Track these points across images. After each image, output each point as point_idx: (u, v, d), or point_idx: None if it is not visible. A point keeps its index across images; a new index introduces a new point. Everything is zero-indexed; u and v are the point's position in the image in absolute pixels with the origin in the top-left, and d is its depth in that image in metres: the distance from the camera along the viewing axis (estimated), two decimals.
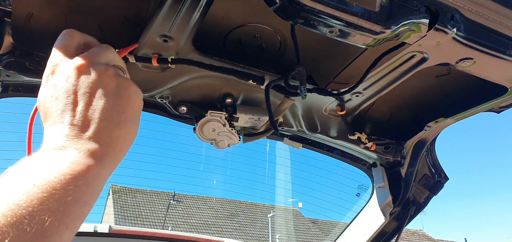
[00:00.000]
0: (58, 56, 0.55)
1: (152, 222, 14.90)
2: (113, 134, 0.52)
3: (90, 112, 0.51)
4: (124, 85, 0.56)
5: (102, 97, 0.52)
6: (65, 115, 0.51)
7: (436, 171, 1.57)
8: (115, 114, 0.53)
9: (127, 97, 0.55)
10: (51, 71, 0.54)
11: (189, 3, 0.86)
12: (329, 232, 17.95)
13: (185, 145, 4.41)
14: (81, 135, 0.50)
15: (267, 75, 1.13)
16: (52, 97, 0.52)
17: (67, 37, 0.59)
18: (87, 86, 0.52)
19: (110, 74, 0.54)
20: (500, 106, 1.17)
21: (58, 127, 0.50)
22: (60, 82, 0.53)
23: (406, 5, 0.76)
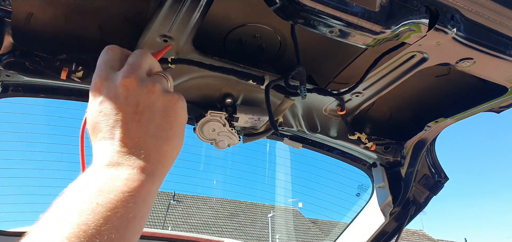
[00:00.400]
0: (105, 72, 0.56)
1: (152, 222, 14.90)
2: (162, 149, 0.54)
3: (140, 129, 0.52)
4: (171, 101, 0.56)
5: (151, 114, 0.54)
6: (115, 132, 0.51)
7: (436, 171, 1.57)
8: (163, 130, 0.54)
9: (174, 113, 0.56)
10: (99, 87, 0.55)
11: (189, 3, 0.86)
12: (329, 232, 17.92)
13: (185, 145, 4.41)
14: (132, 151, 0.51)
15: (267, 75, 1.13)
16: (101, 114, 0.53)
17: (110, 52, 0.59)
18: (136, 103, 0.53)
19: (157, 91, 0.55)
20: (500, 106, 1.17)
21: (108, 142, 0.51)
22: (109, 99, 0.53)
23: (406, 5, 0.76)
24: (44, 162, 4.30)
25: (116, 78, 0.54)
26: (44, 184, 5.01)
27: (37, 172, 4.42)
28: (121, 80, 0.53)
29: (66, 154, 4.44)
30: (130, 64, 0.56)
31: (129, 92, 0.53)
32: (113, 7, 1.00)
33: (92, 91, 0.55)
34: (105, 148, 0.51)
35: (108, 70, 0.56)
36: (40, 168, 4.31)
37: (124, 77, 0.54)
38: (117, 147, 0.50)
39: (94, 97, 0.55)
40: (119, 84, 0.53)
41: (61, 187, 1.63)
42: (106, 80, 0.55)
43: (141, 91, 0.54)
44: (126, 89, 0.53)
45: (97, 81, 0.55)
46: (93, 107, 0.54)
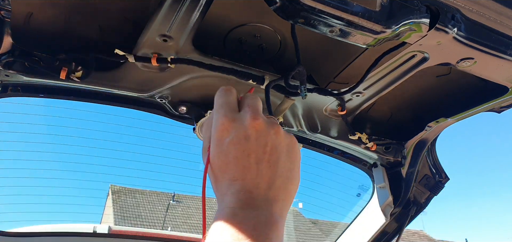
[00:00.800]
0: (231, 114, 0.57)
1: (152, 223, 14.88)
2: (288, 188, 0.56)
3: (270, 169, 0.54)
4: (292, 142, 0.59)
5: (278, 155, 0.55)
6: (248, 174, 0.53)
7: (436, 171, 1.56)
8: (288, 171, 0.56)
9: (295, 153, 0.58)
10: (227, 127, 0.56)
11: (189, 3, 0.86)
12: (330, 233, 17.89)
13: (185, 145, 4.41)
14: (265, 193, 0.52)
15: (267, 75, 1.13)
16: (230, 154, 0.54)
17: (229, 94, 0.61)
18: (265, 144, 0.55)
19: (282, 132, 0.57)
20: (501, 106, 1.17)
21: (239, 184, 0.52)
22: (239, 140, 0.54)
23: (407, 5, 0.76)
24: (43, 162, 4.29)
25: (244, 119, 0.55)
26: (44, 184, 5.00)
27: (37, 172, 4.41)
28: (251, 122, 0.55)
29: (65, 154, 4.43)
30: (251, 106, 0.57)
31: (259, 133, 0.55)
32: (113, 7, 1.00)
33: (218, 131, 0.56)
34: (237, 188, 0.52)
35: (233, 112, 0.57)
36: (40, 168, 4.31)
37: (253, 119, 0.55)
38: (251, 188, 0.52)
39: (221, 137, 0.55)
40: (249, 125, 0.54)
41: (61, 187, 1.60)
42: (233, 121, 0.55)
43: (269, 132, 0.55)
44: (256, 130, 0.55)
45: (225, 121, 0.56)
46: (220, 147, 0.55)
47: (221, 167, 0.54)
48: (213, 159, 0.56)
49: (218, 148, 0.55)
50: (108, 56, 1.03)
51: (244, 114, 0.56)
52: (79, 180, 5.40)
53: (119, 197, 16.35)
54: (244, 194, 0.51)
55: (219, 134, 0.56)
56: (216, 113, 0.58)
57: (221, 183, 0.54)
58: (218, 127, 0.56)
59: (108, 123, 3.75)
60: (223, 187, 0.54)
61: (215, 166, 0.56)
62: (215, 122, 0.57)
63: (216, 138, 0.56)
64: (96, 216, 12.06)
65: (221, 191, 0.54)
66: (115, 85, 1.12)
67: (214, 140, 0.56)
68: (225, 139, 0.55)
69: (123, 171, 5.69)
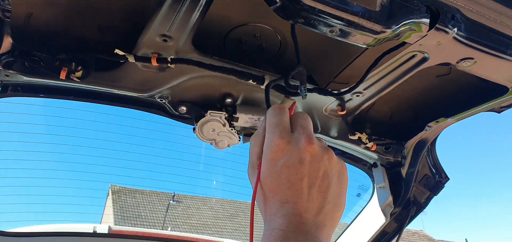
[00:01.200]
0: (286, 135, 0.57)
1: (152, 223, 14.88)
2: (335, 215, 0.56)
3: (320, 195, 0.54)
4: (343, 168, 0.59)
5: (329, 181, 0.56)
6: (299, 198, 0.53)
7: (436, 171, 1.56)
8: (337, 197, 0.56)
9: (345, 180, 0.59)
10: (282, 149, 0.55)
11: (189, 3, 0.86)
12: None
13: (185, 145, 4.42)
14: (314, 218, 0.53)
15: (267, 75, 1.13)
16: (283, 175, 0.54)
17: (282, 113, 0.61)
18: (318, 169, 0.55)
19: (334, 159, 0.57)
20: (501, 106, 1.17)
21: (290, 207, 0.52)
22: (294, 163, 0.54)
23: (407, 5, 0.76)
24: (43, 162, 4.29)
25: (299, 142, 0.55)
26: (44, 184, 5.00)
27: (37, 172, 4.41)
28: (306, 146, 0.55)
29: (65, 154, 4.43)
30: (305, 128, 0.57)
31: (313, 158, 0.55)
32: (113, 7, 1.00)
33: (272, 151, 0.56)
34: (288, 211, 0.52)
35: (288, 133, 0.57)
36: (40, 168, 4.31)
37: (308, 143, 0.55)
38: (301, 211, 0.52)
39: (275, 158, 0.55)
40: (303, 149, 0.54)
41: (61, 187, 1.61)
42: (289, 143, 0.55)
43: (322, 158, 0.55)
44: (311, 155, 0.55)
45: (280, 143, 0.56)
46: (273, 168, 0.55)
47: (273, 188, 0.54)
48: (264, 179, 0.56)
49: (271, 169, 0.55)
50: (108, 56, 1.03)
51: (298, 136, 0.56)
52: (79, 180, 5.40)
53: (119, 197, 16.34)
54: (295, 217, 0.51)
55: (273, 155, 0.55)
56: (270, 133, 0.57)
57: (271, 203, 0.54)
58: (272, 147, 0.56)
59: (108, 122, 3.75)
60: (274, 207, 0.53)
61: (266, 186, 0.55)
62: (269, 142, 0.56)
63: (270, 158, 0.56)
64: (96, 216, 12.05)
65: (271, 211, 0.53)
66: (115, 85, 1.12)
67: (267, 160, 0.56)
68: (280, 160, 0.55)
69: (123, 171, 5.68)
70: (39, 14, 0.97)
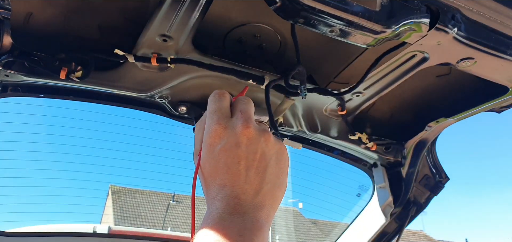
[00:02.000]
0: (223, 121, 0.58)
1: (152, 223, 14.88)
2: (275, 195, 0.57)
3: (258, 176, 0.55)
4: (282, 149, 0.60)
5: (266, 162, 0.57)
6: (237, 180, 0.54)
7: (437, 171, 1.56)
8: (276, 177, 0.57)
9: (284, 160, 0.60)
10: (219, 134, 0.57)
11: (189, 3, 0.86)
12: (330, 233, 17.90)
13: (185, 145, 4.43)
14: (252, 199, 0.54)
15: (267, 75, 1.13)
16: (221, 160, 0.55)
17: (223, 99, 0.61)
18: (255, 151, 0.56)
19: (272, 141, 0.58)
20: (501, 106, 1.16)
21: (228, 189, 0.54)
22: (231, 147, 0.55)
23: (407, 5, 0.76)
24: (43, 162, 4.29)
25: (236, 126, 0.56)
26: (44, 184, 5.00)
27: (37, 172, 4.41)
28: (242, 130, 0.56)
29: (65, 154, 4.43)
30: (243, 112, 0.58)
31: (250, 141, 0.56)
32: (113, 7, 1.00)
33: (210, 137, 0.57)
34: (226, 193, 0.53)
35: (225, 118, 0.58)
36: (40, 168, 4.31)
37: (245, 127, 0.56)
38: (239, 194, 0.53)
39: (213, 144, 0.56)
40: (240, 133, 0.56)
41: (61, 187, 1.61)
42: (225, 128, 0.57)
43: (259, 140, 0.56)
44: (247, 138, 0.56)
45: (217, 128, 0.57)
46: (212, 153, 0.56)
47: (211, 172, 0.56)
48: (204, 164, 0.57)
49: (209, 154, 0.57)
50: (108, 56, 1.03)
51: (236, 121, 0.57)
52: (79, 180, 5.41)
53: (119, 197, 16.34)
54: (233, 199, 0.52)
55: (211, 140, 0.57)
56: (209, 119, 0.58)
57: (211, 187, 0.56)
58: (210, 133, 0.57)
59: (108, 123, 3.75)
60: (213, 191, 0.55)
61: (206, 171, 0.57)
62: (208, 128, 0.58)
63: (208, 143, 0.57)
64: (96, 216, 12.05)
65: (211, 195, 0.55)
66: (115, 85, 1.12)
67: (206, 146, 0.57)
68: (217, 145, 0.56)
69: (123, 171, 5.68)
70: (39, 14, 0.97)
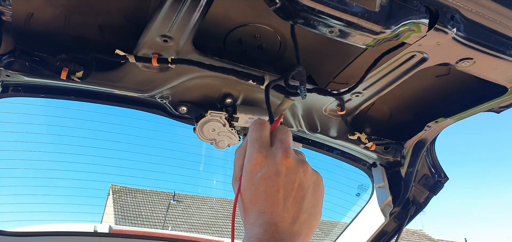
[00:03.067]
0: (265, 149, 0.60)
1: (152, 222, 14.88)
2: (310, 224, 0.59)
3: (295, 205, 0.57)
4: (318, 180, 0.62)
5: (304, 192, 0.59)
6: (275, 208, 0.56)
7: (436, 170, 1.57)
8: (312, 207, 0.59)
9: (320, 191, 0.62)
10: (260, 162, 0.59)
11: (189, 3, 0.86)
12: (329, 232, 17.86)
13: (185, 145, 4.43)
14: (290, 228, 0.56)
15: (267, 75, 1.13)
16: (261, 188, 0.57)
17: (264, 128, 0.64)
18: (294, 181, 0.58)
19: (310, 171, 0.60)
20: (500, 107, 1.17)
21: (267, 216, 0.55)
22: (271, 175, 0.57)
23: (406, 5, 0.76)
24: (44, 162, 4.30)
25: (276, 156, 0.59)
26: (44, 184, 5.00)
27: (37, 172, 4.41)
28: (282, 159, 0.58)
29: (66, 154, 4.43)
30: (282, 141, 0.61)
31: (289, 171, 0.58)
32: (113, 7, 1.00)
33: (251, 165, 0.59)
34: (264, 220, 0.55)
35: (266, 147, 0.61)
36: (40, 168, 4.31)
37: (285, 157, 0.58)
38: (277, 221, 0.55)
39: (253, 171, 0.59)
40: (280, 162, 0.58)
41: (61, 187, 1.61)
42: (266, 157, 0.59)
43: (298, 170, 0.59)
44: (287, 168, 0.58)
45: (258, 156, 0.59)
46: (252, 180, 0.59)
47: (251, 199, 0.58)
48: (244, 190, 0.59)
49: (249, 181, 0.59)
50: (108, 56, 1.03)
51: (276, 150, 0.59)
52: (79, 179, 5.40)
53: (119, 196, 16.34)
54: (271, 226, 0.54)
55: (251, 168, 0.59)
56: (250, 147, 0.61)
57: (250, 213, 0.57)
58: (251, 160, 0.59)
59: (108, 122, 3.75)
60: (252, 217, 0.57)
61: (246, 197, 0.59)
62: (249, 155, 0.60)
63: (249, 171, 0.59)
64: (96, 215, 12.05)
65: (250, 220, 0.57)
66: (115, 86, 1.12)
67: (247, 173, 0.59)
68: (257, 173, 0.58)
69: (123, 170, 5.68)
70: (39, 14, 0.97)
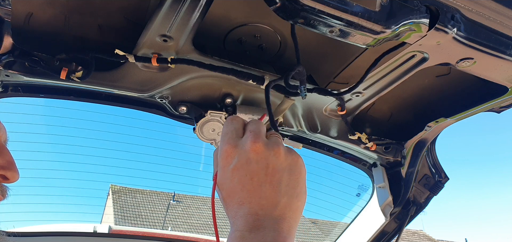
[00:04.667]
0: (233, 140, 0.59)
1: (152, 222, 14.88)
2: (294, 206, 0.57)
3: (273, 189, 0.56)
4: (294, 160, 0.60)
5: (280, 174, 0.57)
6: (253, 197, 0.55)
7: (436, 171, 1.56)
8: (292, 188, 0.58)
9: (298, 171, 0.60)
10: (230, 153, 0.58)
11: (189, 3, 0.86)
12: (330, 233, 17.81)
13: (185, 145, 4.43)
14: (271, 213, 0.54)
15: (267, 75, 1.13)
16: (235, 179, 0.56)
17: (235, 122, 0.63)
18: (266, 165, 0.57)
19: (282, 152, 0.59)
20: (501, 106, 1.17)
21: (246, 207, 0.54)
22: (242, 164, 0.56)
23: (407, 5, 0.76)
24: (43, 162, 4.30)
25: (245, 144, 0.58)
26: (43, 184, 5.00)
27: (37, 172, 4.41)
28: (251, 145, 0.57)
29: (65, 154, 4.43)
30: (252, 130, 0.60)
31: (259, 156, 0.57)
32: (113, 7, 1.00)
33: (223, 158, 0.59)
34: (245, 211, 0.54)
35: (236, 138, 0.60)
36: (40, 168, 4.31)
37: (253, 143, 0.57)
38: (257, 210, 0.54)
39: (226, 164, 0.58)
40: (249, 149, 0.57)
41: (61, 187, 1.61)
42: (235, 147, 0.58)
43: (269, 154, 0.57)
44: (256, 153, 0.57)
45: (228, 148, 0.58)
46: (226, 173, 0.58)
47: (229, 193, 0.57)
48: (221, 185, 0.58)
49: (224, 175, 0.58)
50: (108, 56, 1.03)
51: (245, 139, 0.59)
52: (79, 180, 5.40)
53: (119, 196, 16.34)
54: (251, 216, 0.53)
55: (223, 161, 0.58)
56: (221, 142, 0.60)
57: (230, 207, 0.57)
58: (222, 154, 0.59)
59: (108, 122, 3.75)
60: (232, 211, 0.56)
61: (224, 192, 0.58)
62: (220, 150, 0.59)
63: (222, 165, 0.58)
64: (96, 216, 12.04)
65: (231, 214, 0.56)
66: (115, 85, 1.12)
67: (220, 168, 0.59)
68: (230, 165, 0.57)
69: (123, 170, 5.68)
70: (39, 14, 0.97)
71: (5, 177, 0.67)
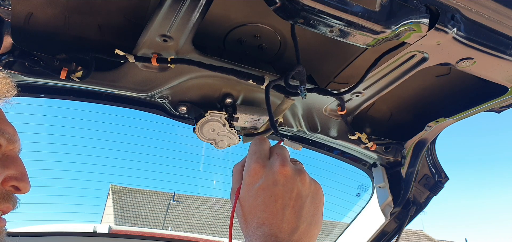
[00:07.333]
0: (262, 160, 0.61)
1: (152, 222, 14.88)
2: (311, 233, 0.59)
3: (294, 214, 0.57)
4: (316, 188, 0.62)
5: (304, 202, 0.58)
6: (274, 218, 0.56)
7: (436, 171, 1.56)
8: (312, 216, 0.59)
9: (319, 200, 0.61)
10: (257, 172, 0.59)
11: (189, 3, 0.86)
12: (329, 233, 17.83)
13: (185, 145, 4.44)
14: (289, 237, 0.55)
15: (267, 75, 1.13)
16: (259, 198, 0.57)
17: (263, 143, 0.65)
18: (291, 190, 0.58)
19: (307, 180, 0.60)
20: (501, 106, 1.17)
21: (266, 227, 0.55)
22: (268, 185, 0.58)
23: (407, 5, 0.76)
24: (43, 162, 4.30)
25: (273, 166, 0.59)
26: (43, 184, 5.00)
27: (37, 172, 4.42)
28: (280, 169, 0.58)
29: (65, 154, 4.43)
30: (279, 154, 0.61)
31: (287, 180, 0.58)
32: (113, 7, 1.00)
33: (250, 176, 0.60)
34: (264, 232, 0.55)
35: (264, 159, 0.61)
36: (40, 168, 4.31)
37: (282, 166, 0.59)
38: (276, 232, 0.55)
39: (252, 182, 0.59)
40: (277, 171, 0.58)
41: (61, 187, 1.62)
42: (264, 167, 0.59)
43: (295, 179, 0.59)
44: (284, 176, 0.58)
45: (256, 167, 0.60)
46: (250, 191, 0.59)
47: (250, 210, 0.58)
48: (243, 202, 0.59)
49: (248, 192, 0.59)
50: (108, 56, 1.03)
51: (273, 161, 0.60)
52: (79, 180, 5.41)
53: (119, 196, 16.34)
54: (270, 237, 0.54)
55: (249, 179, 0.59)
56: (249, 159, 0.61)
57: (250, 225, 0.57)
58: (249, 171, 0.60)
59: (108, 123, 3.75)
60: (252, 229, 0.57)
61: (245, 209, 0.59)
62: (247, 167, 0.60)
63: (247, 182, 0.59)
64: (96, 215, 12.04)
65: (250, 232, 0.57)
66: (115, 85, 1.12)
67: (245, 184, 0.60)
68: (256, 183, 0.58)
69: (123, 170, 5.67)
70: (39, 14, 0.97)
71: (17, 188, 0.68)
